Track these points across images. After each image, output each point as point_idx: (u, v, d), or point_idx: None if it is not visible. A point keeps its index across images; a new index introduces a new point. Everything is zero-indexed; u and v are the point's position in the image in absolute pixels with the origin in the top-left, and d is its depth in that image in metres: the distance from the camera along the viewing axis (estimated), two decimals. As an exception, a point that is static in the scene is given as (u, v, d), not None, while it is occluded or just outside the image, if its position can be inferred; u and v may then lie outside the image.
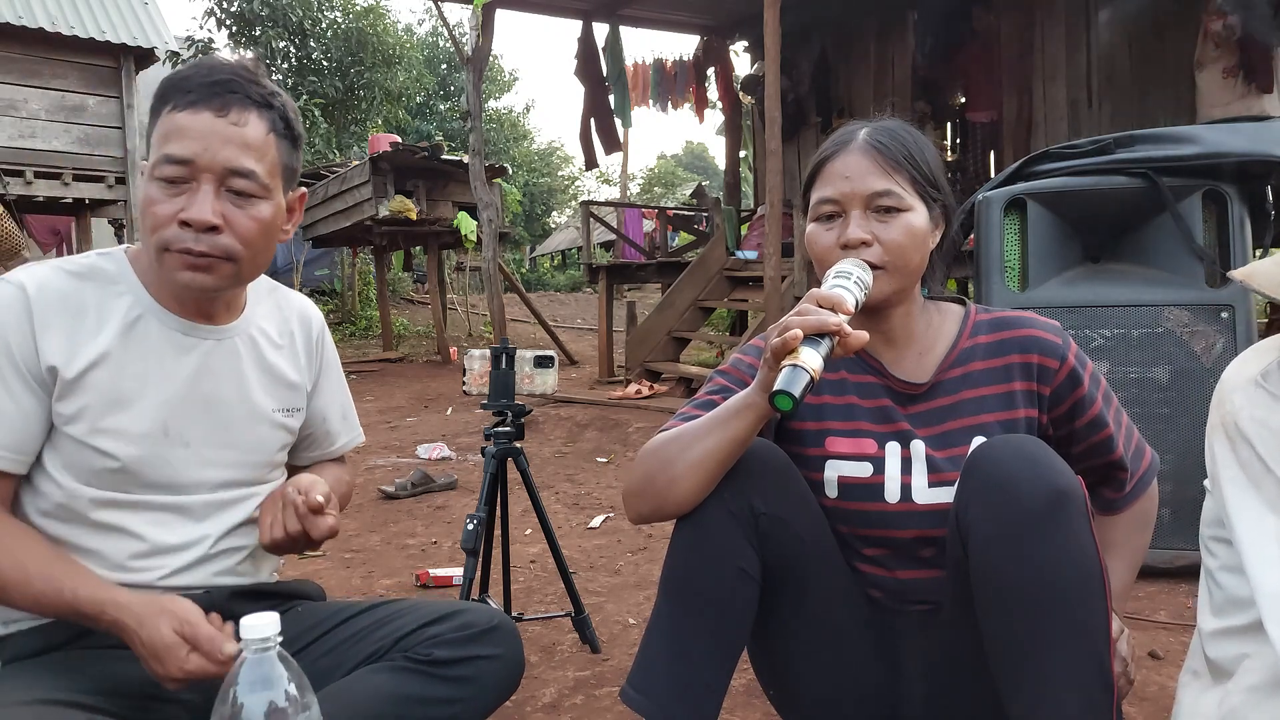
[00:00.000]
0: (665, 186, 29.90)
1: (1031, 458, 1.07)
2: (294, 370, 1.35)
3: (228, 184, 1.13)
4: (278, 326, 1.35)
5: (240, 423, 1.27)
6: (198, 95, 1.12)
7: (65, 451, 1.15)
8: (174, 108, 1.12)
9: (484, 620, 1.25)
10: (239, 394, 1.27)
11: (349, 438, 1.49)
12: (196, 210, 1.11)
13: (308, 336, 1.40)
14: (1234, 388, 0.97)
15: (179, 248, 1.13)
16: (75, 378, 1.14)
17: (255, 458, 1.30)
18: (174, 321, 1.22)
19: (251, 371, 1.29)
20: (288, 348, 1.35)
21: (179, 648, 1.05)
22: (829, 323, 1.04)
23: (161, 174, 1.12)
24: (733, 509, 1.15)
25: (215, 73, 1.14)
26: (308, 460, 1.46)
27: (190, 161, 1.11)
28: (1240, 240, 2.41)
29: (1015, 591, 1.05)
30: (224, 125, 1.13)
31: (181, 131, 1.12)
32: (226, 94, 1.13)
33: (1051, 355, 1.24)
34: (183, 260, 1.13)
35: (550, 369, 2.17)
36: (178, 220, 1.12)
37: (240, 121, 1.14)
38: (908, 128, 1.27)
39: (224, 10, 12.82)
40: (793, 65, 7.78)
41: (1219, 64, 5.13)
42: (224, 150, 1.12)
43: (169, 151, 1.11)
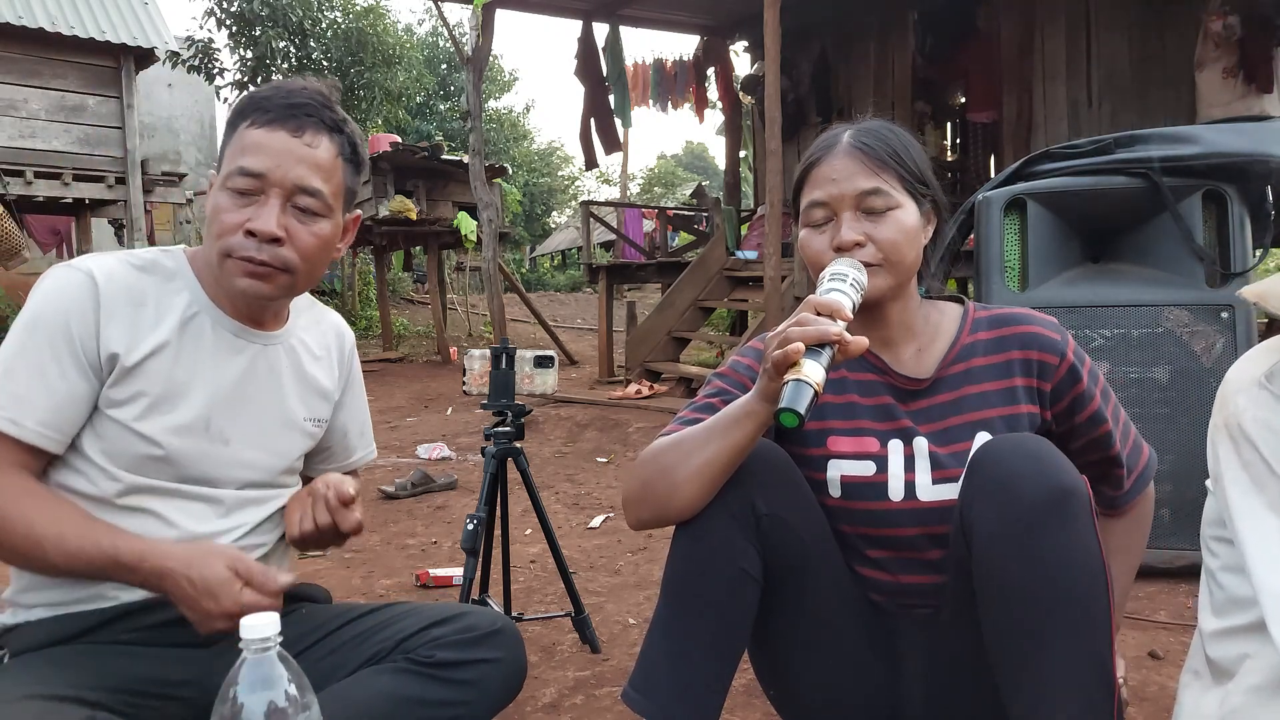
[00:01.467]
0: (665, 186, 29.91)
1: (1036, 456, 1.07)
2: (329, 381, 1.41)
3: (294, 200, 1.19)
4: (317, 339, 1.41)
5: (274, 426, 1.32)
6: (275, 115, 1.18)
7: (109, 436, 1.18)
8: (252, 124, 1.18)
9: (486, 623, 1.26)
10: (276, 399, 1.32)
11: (364, 453, 1.54)
12: (263, 221, 1.17)
13: (341, 352, 1.46)
14: (1237, 389, 0.97)
15: (242, 255, 1.18)
16: (134, 365, 1.18)
17: (281, 462, 1.34)
18: (227, 323, 1.27)
19: (290, 379, 1.34)
20: (325, 360, 1.41)
21: (233, 582, 1.10)
22: (830, 333, 1.04)
23: (233, 185, 1.17)
24: (734, 510, 1.15)
25: (295, 95, 1.21)
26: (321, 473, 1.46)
27: (262, 175, 1.17)
28: (1240, 240, 2.41)
29: (1018, 590, 1.05)
30: (298, 145, 1.19)
31: (258, 147, 1.17)
32: (303, 116, 1.19)
33: (1051, 351, 1.24)
34: (243, 267, 1.18)
35: (550, 369, 2.17)
36: (244, 229, 1.17)
37: (313, 143, 1.20)
38: (891, 126, 1.27)
39: (224, 10, 12.80)
40: (793, 65, 7.78)
41: (1219, 64, 5.13)
42: (295, 168, 1.18)
43: (243, 164, 1.17)
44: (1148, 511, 1.38)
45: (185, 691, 1.17)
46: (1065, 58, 6.64)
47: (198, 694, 1.15)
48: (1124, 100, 6.33)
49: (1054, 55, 6.71)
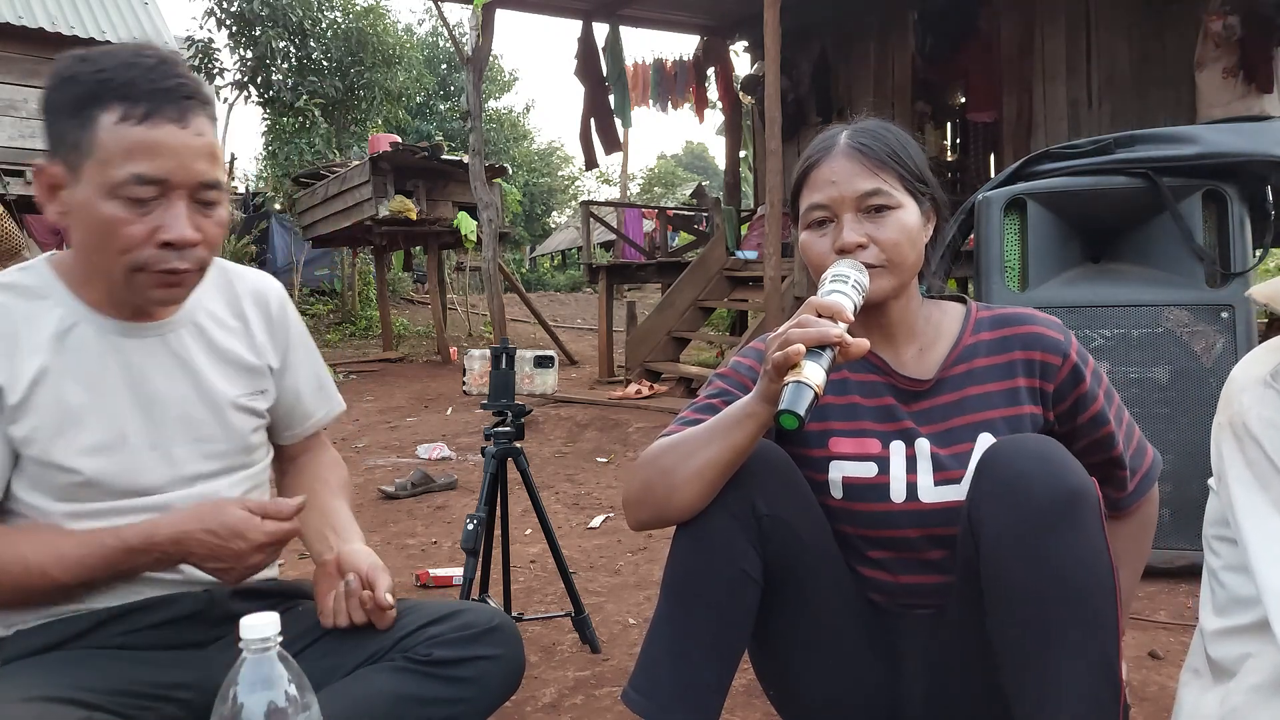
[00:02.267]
0: (665, 186, 29.91)
1: (1045, 457, 1.07)
2: (250, 352, 1.31)
3: (197, 196, 1.11)
4: (228, 306, 1.31)
5: (203, 415, 1.24)
6: (152, 105, 1.07)
7: (30, 473, 1.14)
8: (125, 119, 1.06)
9: (484, 620, 1.25)
10: (194, 386, 1.24)
11: (326, 410, 1.46)
12: (180, 230, 1.09)
13: (265, 314, 1.35)
14: (1242, 387, 0.96)
15: (161, 268, 1.10)
16: (20, 401, 1.12)
17: (226, 446, 1.27)
18: (111, 325, 1.18)
19: (204, 361, 1.25)
20: (241, 329, 1.31)
21: (251, 517, 1.12)
22: (830, 335, 1.04)
23: (131, 194, 1.07)
24: (735, 511, 1.15)
25: (161, 75, 1.09)
26: (288, 439, 1.44)
27: (164, 181, 1.08)
28: (1240, 240, 2.41)
29: (1026, 591, 1.05)
30: (189, 138, 1.09)
31: (148, 149, 1.07)
32: (181, 100, 1.09)
33: (1054, 352, 1.24)
34: (161, 279, 1.11)
35: (550, 369, 2.17)
36: (157, 241, 1.09)
37: (200, 131, 1.10)
38: (888, 125, 1.27)
39: (224, 10, 12.81)
40: (793, 65, 7.78)
41: (1219, 64, 5.13)
42: (195, 165, 1.10)
43: (140, 171, 1.06)
44: (1152, 514, 1.37)
45: (183, 693, 1.17)
46: (1065, 58, 6.64)
47: (196, 695, 1.15)
48: (1124, 100, 6.33)
49: (1054, 55, 6.71)
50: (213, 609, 1.21)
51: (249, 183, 18.12)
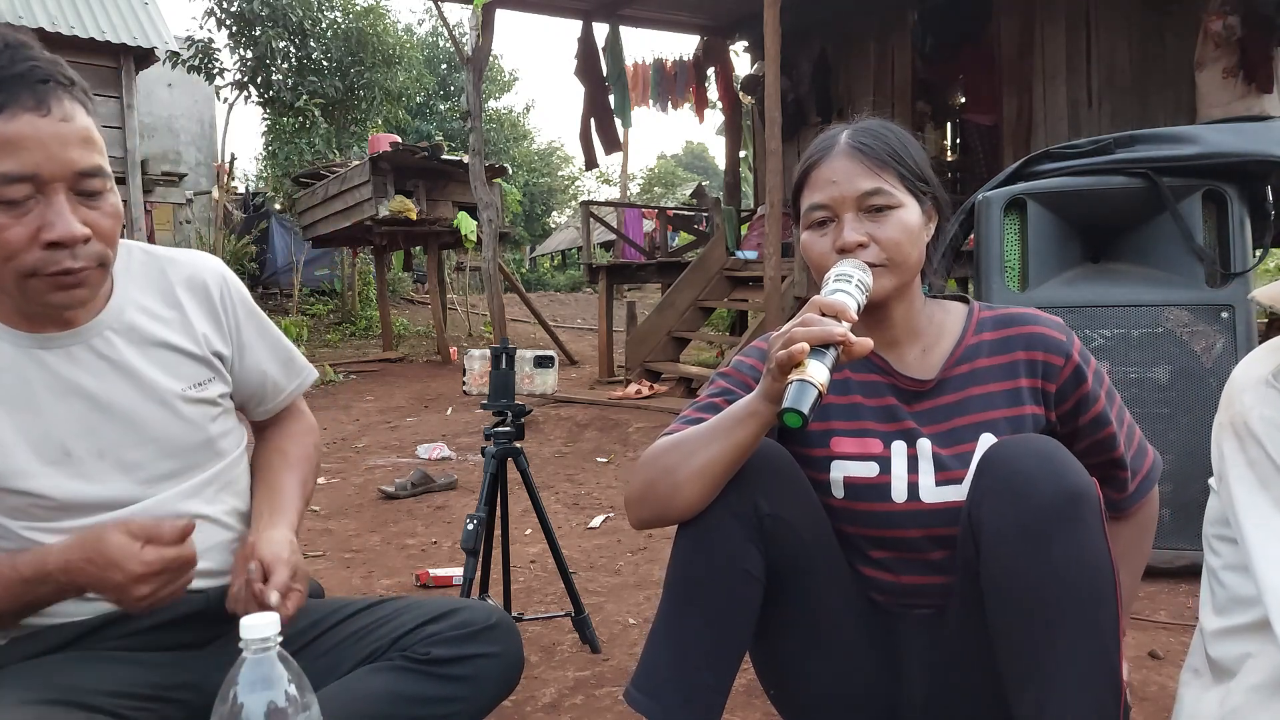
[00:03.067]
0: (665, 186, 29.90)
1: (1046, 457, 1.07)
2: (190, 341, 1.23)
3: (77, 187, 1.02)
4: (162, 297, 1.23)
5: (151, 414, 1.17)
6: (5, 96, 0.98)
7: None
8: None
9: (482, 618, 1.25)
10: (133, 386, 1.17)
11: (297, 383, 1.40)
12: (64, 228, 1.00)
13: (205, 298, 1.27)
14: (1244, 387, 0.96)
15: (53, 271, 1.02)
16: None
17: (184, 443, 1.20)
18: (27, 339, 1.11)
19: (139, 358, 1.18)
20: (177, 318, 1.23)
21: (129, 545, 1.02)
22: (834, 333, 1.04)
23: (2, 195, 0.98)
24: (737, 510, 1.15)
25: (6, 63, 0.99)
26: (263, 415, 1.40)
27: (34, 176, 0.99)
28: (1240, 240, 2.41)
29: (1027, 591, 1.05)
30: (53, 125, 0.99)
31: (10, 145, 0.97)
32: (37, 85, 0.99)
33: (1056, 352, 1.24)
34: (56, 282, 1.03)
35: (550, 369, 2.17)
36: (42, 243, 1.00)
37: (66, 115, 1.01)
38: (888, 125, 1.27)
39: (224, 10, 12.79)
40: (793, 65, 7.78)
41: (1219, 64, 5.13)
42: (66, 154, 1.00)
43: (4, 170, 0.97)
44: (1152, 515, 1.37)
45: (182, 694, 1.17)
46: (1065, 58, 6.64)
47: (195, 696, 1.15)
48: (1124, 100, 6.33)
49: (1054, 55, 6.71)
50: (211, 609, 1.21)
51: (249, 183, 18.14)
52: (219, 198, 12.19)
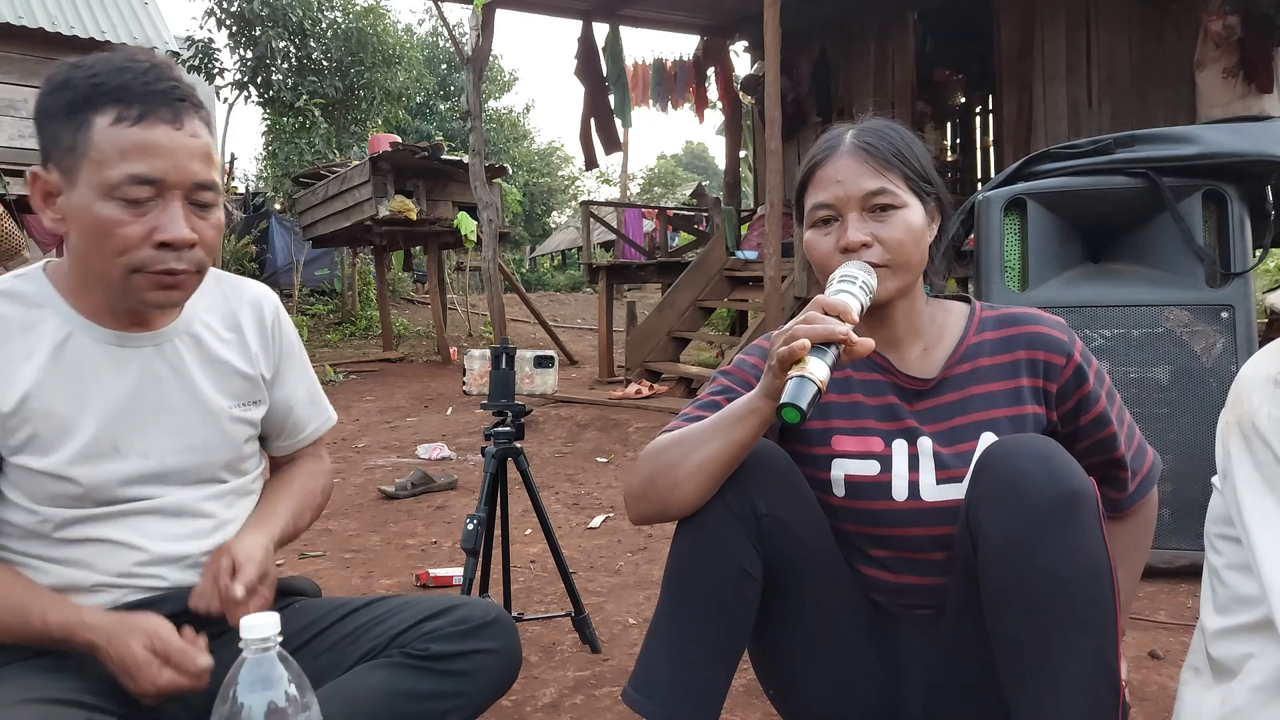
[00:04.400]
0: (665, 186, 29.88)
1: (1045, 457, 1.07)
2: (245, 362, 1.31)
3: (192, 197, 1.12)
4: (224, 319, 1.31)
5: (195, 425, 1.25)
6: (146, 107, 1.08)
7: (21, 482, 1.14)
8: (120, 120, 1.07)
9: (480, 614, 1.25)
10: (189, 396, 1.24)
11: (319, 423, 1.46)
12: (177, 230, 1.10)
13: (260, 324, 1.35)
14: (1251, 386, 0.95)
15: (158, 269, 1.10)
16: (12, 410, 1.12)
17: (219, 457, 1.27)
18: (106, 335, 1.18)
19: (199, 370, 1.26)
20: (236, 339, 1.31)
21: (150, 663, 1.06)
22: (836, 332, 1.04)
23: (127, 194, 1.08)
24: (735, 510, 1.15)
25: (154, 79, 1.10)
26: (280, 450, 1.44)
27: (160, 181, 1.09)
28: (1240, 240, 2.41)
29: (1024, 591, 1.05)
30: (183, 139, 1.10)
31: (144, 150, 1.08)
32: (174, 102, 1.10)
33: (1058, 352, 1.24)
34: (159, 280, 1.11)
35: (550, 369, 2.17)
36: (154, 242, 1.09)
37: (195, 132, 1.12)
38: (893, 125, 1.27)
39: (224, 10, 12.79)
40: (793, 65, 7.78)
41: (1219, 64, 5.13)
42: (190, 165, 1.11)
43: (136, 171, 1.07)
44: (1151, 515, 1.37)
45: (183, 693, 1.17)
46: (1065, 58, 6.64)
47: (195, 695, 1.14)
48: (1124, 100, 6.33)
49: (1054, 55, 6.70)
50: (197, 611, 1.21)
51: (249, 183, 18.13)
52: (219, 198, 12.15)
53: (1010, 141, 6.91)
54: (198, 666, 1.06)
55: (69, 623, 1.08)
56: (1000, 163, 7.46)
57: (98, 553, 1.17)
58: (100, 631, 1.07)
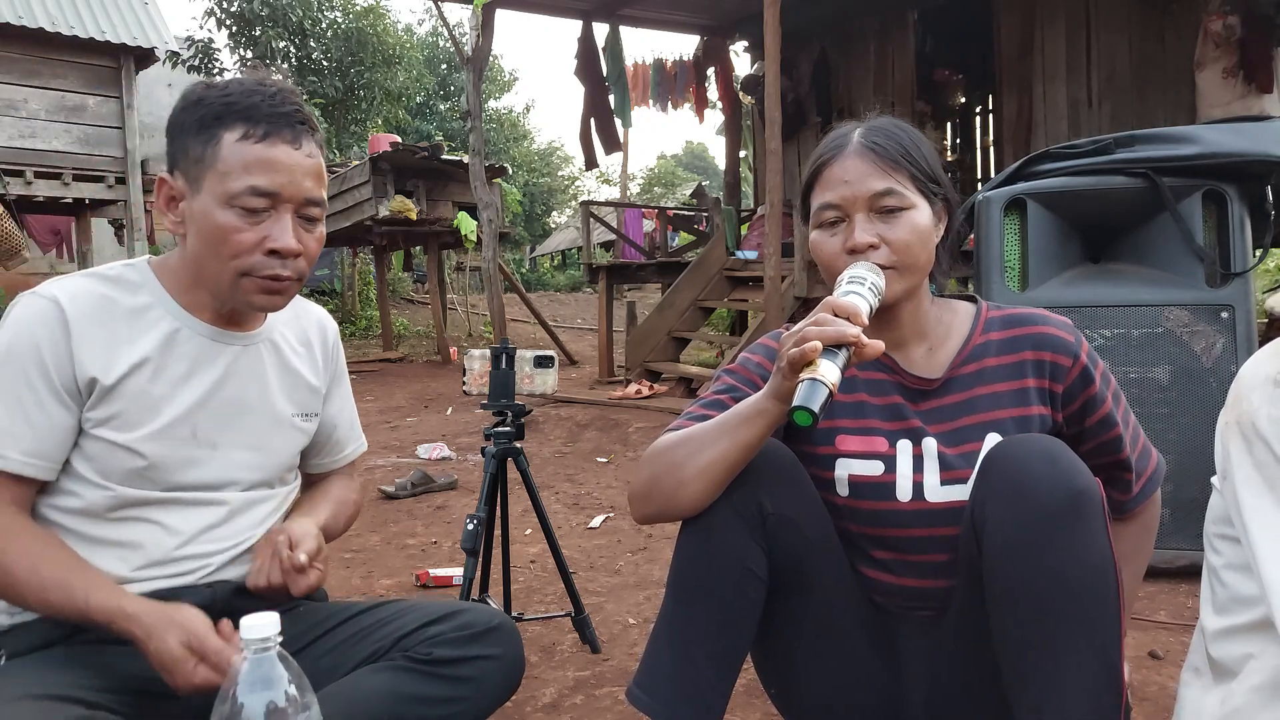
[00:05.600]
0: (665, 186, 29.89)
1: (1050, 457, 1.07)
2: (313, 375, 1.41)
3: (302, 211, 1.21)
4: (297, 333, 1.41)
5: (263, 426, 1.32)
6: (270, 127, 1.18)
7: (96, 454, 1.19)
8: (245, 136, 1.17)
9: (484, 620, 1.26)
10: (262, 398, 1.32)
11: (355, 446, 1.54)
12: (286, 240, 1.19)
13: (325, 344, 1.45)
14: (1251, 386, 0.95)
15: (265, 274, 1.19)
16: (112, 385, 1.19)
17: (276, 460, 1.34)
18: (205, 329, 1.27)
19: (274, 376, 1.34)
20: (306, 354, 1.41)
21: (186, 660, 1.07)
22: (848, 334, 1.03)
23: (246, 204, 1.17)
24: (741, 509, 1.15)
25: (279, 102, 1.20)
26: (316, 468, 1.49)
27: (276, 194, 1.18)
28: (1240, 240, 2.41)
29: (1029, 590, 1.05)
30: (301, 158, 1.20)
31: (266, 165, 1.17)
32: (296, 125, 1.20)
33: (1064, 353, 1.23)
34: (265, 285, 1.20)
35: (550, 369, 2.17)
36: (265, 249, 1.18)
37: (311, 154, 1.22)
38: (900, 124, 1.26)
39: (224, 10, 12.80)
40: (793, 65, 7.78)
41: (1219, 64, 5.13)
42: (304, 182, 1.20)
43: (256, 184, 1.16)
44: (1154, 516, 1.37)
45: (184, 692, 1.17)
46: (1065, 58, 6.64)
47: (197, 694, 1.15)
48: (1124, 100, 6.33)
49: (1054, 55, 6.71)
50: (214, 606, 1.21)
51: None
52: (219, 198, 12.15)
53: (1010, 141, 6.91)
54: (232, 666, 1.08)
55: (109, 608, 1.11)
56: (1000, 163, 7.47)
57: (143, 534, 1.21)
58: (140, 624, 1.10)
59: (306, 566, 1.21)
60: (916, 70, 7.72)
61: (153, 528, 1.21)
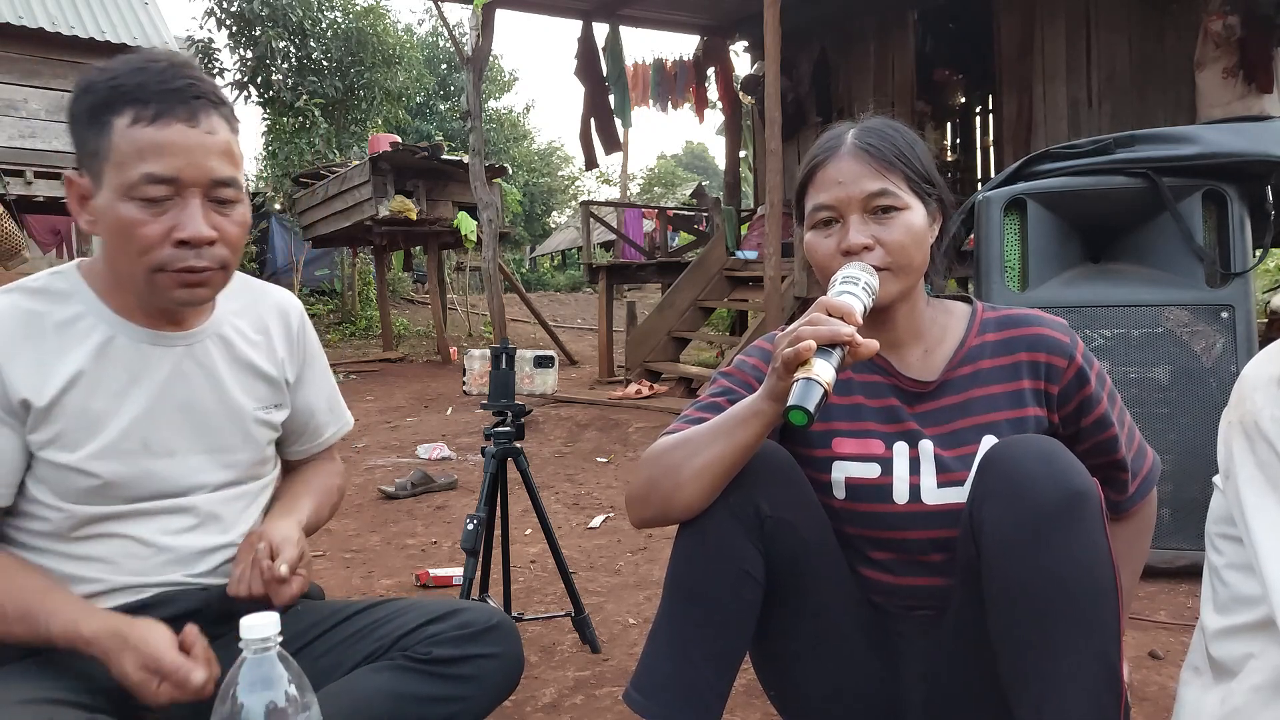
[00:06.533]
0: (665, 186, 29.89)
1: (1048, 457, 1.07)
2: (272, 366, 1.33)
3: (212, 194, 1.13)
4: (252, 322, 1.33)
5: (222, 426, 1.26)
6: (162, 106, 1.09)
7: (45, 476, 1.15)
8: (137, 121, 1.08)
9: (483, 619, 1.25)
10: (217, 396, 1.26)
11: (337, 427, 1.49)
12: (194, 228, 1.11)
13: (286, 330, 1.38)
14: (1255, 386, 0.95)
15: (179, 267, 1.12)
16: (47, 405, 1.13)
17: (242, 459, 1.29)
18: (142, 334, 1.20)
19: (228, 371, 1.28)
20: (264, 343, 1.33)
21: (147, 682, 1.05)
22: (842, 333, 1.03)
23: (145, 194, 1.09)
24: (738, 511, 1.14)
25: (170, 77, 1.11)
26: (297, 454, 1.46)
27: (175, 179, 1.10)
28: (1240, 240, 2.41)
29: (1027, 591, 1.05)
30: (200, 136, 1.11)
31: (159, 148, 1.09)
32: (191, 100, 1.11)
33: (1060, 354, 1.23)
34: (181, 279, 1.13)
35: (550, 369, 2.17)
36: (173, 240, 1.10)
37: (212, 129, 1.12)
38: (895, 125, 1.26)
39: (224, 10, 12.80)
40: (793, 65, 7.78)
41: (1219, 64, 5.13)
42: (206, 162, 1.11)
43: (151, 171, 1.08)
44: (1151, 516, 1.37)
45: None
46: (1065, 58, 6.64)
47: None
48: (1124, 100, 6.33)
49: (1054, 55, 6.70)
50: (211, 608, 1.21)
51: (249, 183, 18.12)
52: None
53: (1010, 141, 6.90)
54: (193, 684, 1.05)
55: (71, 635, 1.08)
56: (1000, 163, 7.46)
57: (113, 549, 1.17)
58: (99, 648, 1.07)
59: (287, 578, 1.17)
60: (916, 70, 7.72)
61: (124, 541, 1.18)
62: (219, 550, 1.25)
